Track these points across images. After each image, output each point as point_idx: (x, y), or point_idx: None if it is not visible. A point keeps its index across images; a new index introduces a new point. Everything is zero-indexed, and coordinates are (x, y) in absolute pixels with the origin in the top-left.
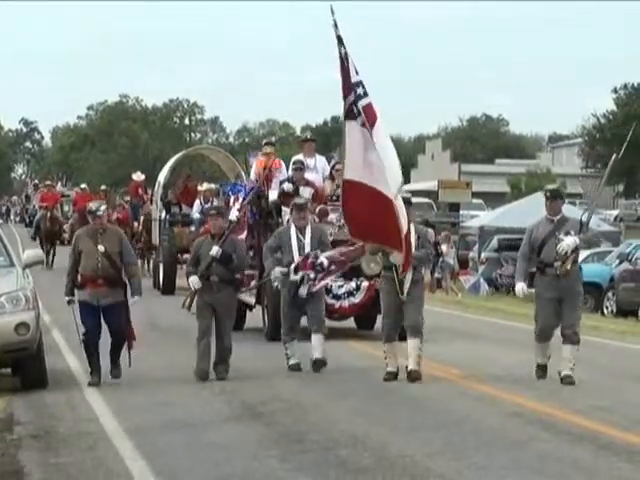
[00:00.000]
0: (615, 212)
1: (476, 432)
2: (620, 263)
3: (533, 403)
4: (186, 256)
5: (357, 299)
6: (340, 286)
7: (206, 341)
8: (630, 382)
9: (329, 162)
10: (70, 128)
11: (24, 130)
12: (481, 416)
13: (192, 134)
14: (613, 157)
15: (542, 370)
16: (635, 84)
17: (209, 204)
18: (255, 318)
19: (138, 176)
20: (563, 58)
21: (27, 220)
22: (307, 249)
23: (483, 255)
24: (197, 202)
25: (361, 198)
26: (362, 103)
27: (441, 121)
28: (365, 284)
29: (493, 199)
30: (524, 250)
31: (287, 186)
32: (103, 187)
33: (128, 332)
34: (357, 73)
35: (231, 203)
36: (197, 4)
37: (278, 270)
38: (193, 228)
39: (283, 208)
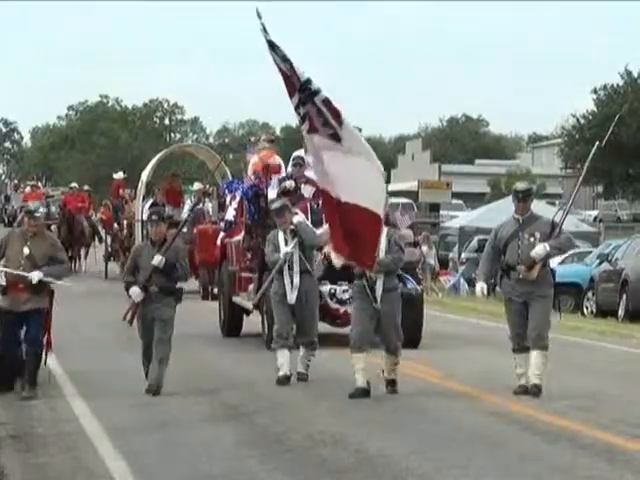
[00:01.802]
0: (594, 213)
1: (455, 432)
2: (600, 264)
3: (511, 403)
4: None
5: None
6: (344, 290)
7: (149, 356)
8: (609, 382)
9: None
10: (49, 128)
11: (3, 130)
12: (460, 416)
13: (172, 134)
14: (596, 144)
15: (521, 389)
16: (615, 85)
17: (200, 205)
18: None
19: (119, 175)
20: (543, 58)
21: (6, 221)
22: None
23: (463, 255)
24: (187, 203)
25: (337, 212)
26: (320, 98)
27: (421, 121)
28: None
29: (473, 199)
30: (487, 250)
31: (288, 184)
32: (86, 187)
33: (46, 342)
34: (299, 77)
35: (227, 202)
36: (176, 4)
37: (283, 251)
38: (185, 229)
39: None
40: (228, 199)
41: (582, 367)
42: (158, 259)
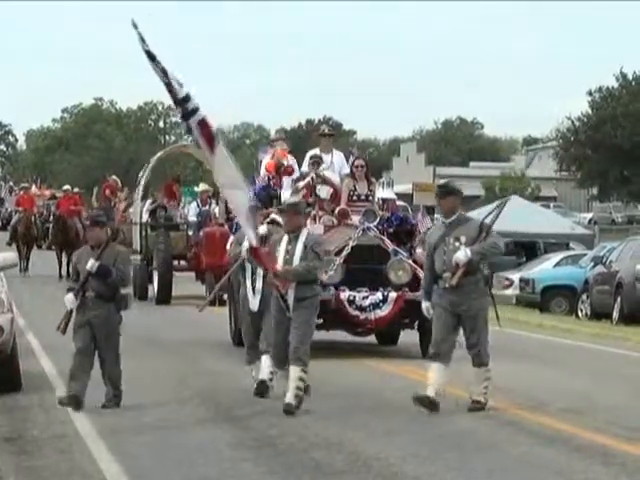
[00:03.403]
0: (589, 215)
1: (449, 435)
2: (594, 266)
3: (506, 406)
4: (183, 263)
5: (384, 311)
6: (364, 297)
7: (79, 361)
8: (604, 385)
9: (347, 158)
10: (44, 131)
11: None
12: (454, 419)
13: (167, 137)
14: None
15: (428, 403)
16: (609, 87)
17: (207, 207)
18: None
19: (114, 180)
20: (538, 61)
21: (0, 223)
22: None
23: None
24: (194, 205)
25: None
26: (195, 119)
27: (416, 124)
28: (393, 295)
29: (467, 202)
30: (426, 261)
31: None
32: (76, 190)
33: None
34: (181, 86)
35: None
36: (167, 5)
37: (245, 246)
38: (191, 232)
39: None
40: None
41: (576, 370)
42: (91, 263)
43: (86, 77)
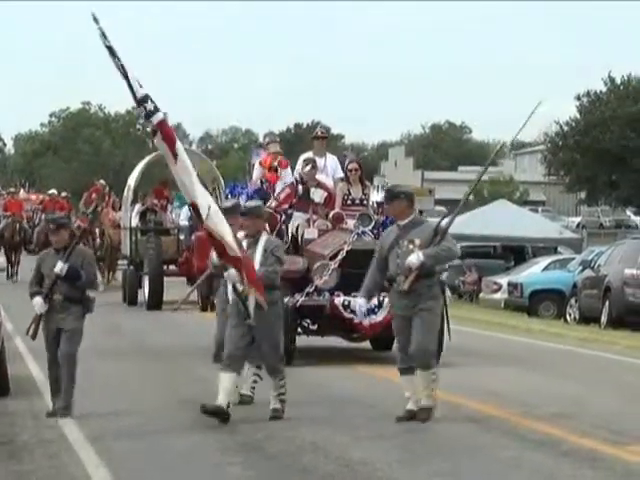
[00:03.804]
0: (577, 219)
1: (437, 439)
2: (583, 270)
3: (494, 410)
4: (173, 267)
5: (379, 317)
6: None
7: (54, 374)
8: (592, 389)
9: (342, 162)
10: (32, 135)
11: None
12: (442, 423)
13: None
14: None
15: (408, 414)
16: (598, 91)
17: None
18: None
19: (101, 184)
20: (526, 64)
21: None
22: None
23: None
24: (185, 209)
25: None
26: (156, 119)
27: (404, 128)
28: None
29: (456, 206)
30: (373, 262)
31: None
32: (64, 194)
33: None
34: (141, 86)
35: None
36: (156, 10)
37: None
38: (182, 237)
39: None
40: None
41: (565, 374)
42: (60, 266)
43: (74, 81)
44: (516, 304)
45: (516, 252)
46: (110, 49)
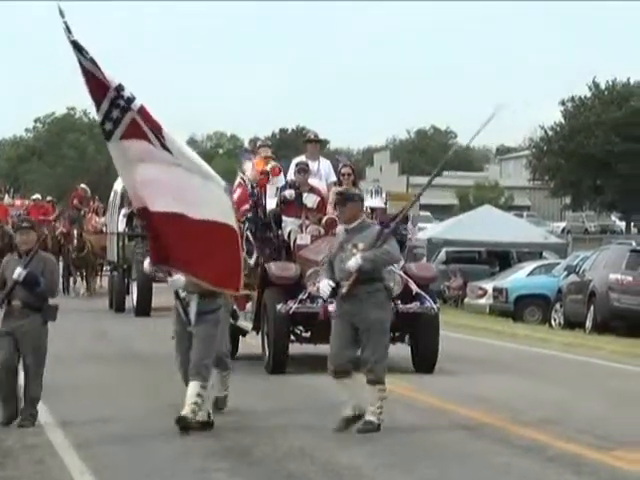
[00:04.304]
0: (562, 224)
1: (424, 445)
2: (567, 275)
3: (480, 415)
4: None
5: None
6: None
7: (4, 379)
8: (577, 394)
9: (335, 166)
10: (17, 140)
11: None
12: (429, 429)
13: None
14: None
15: (345, 422)
16: (582, 97)
17: None
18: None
19: (82, 188)
20: (511, 70)
21: None
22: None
23: None
24: None
25: (169, 226)
26: (136, 106)
27: (389, 133)
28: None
29: (441, 211)
30: (325, 267)
31: (288, 193)
32: (49, 198)
33: None
34: (109, 82)
35: None
36: (146, 4)
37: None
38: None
39: (283, 218)
40: None
41: (551, 379)
42: (18, 272)
43: (59, 86)
44: (501, 309)
45: (501, 257)
46: (75, 44)
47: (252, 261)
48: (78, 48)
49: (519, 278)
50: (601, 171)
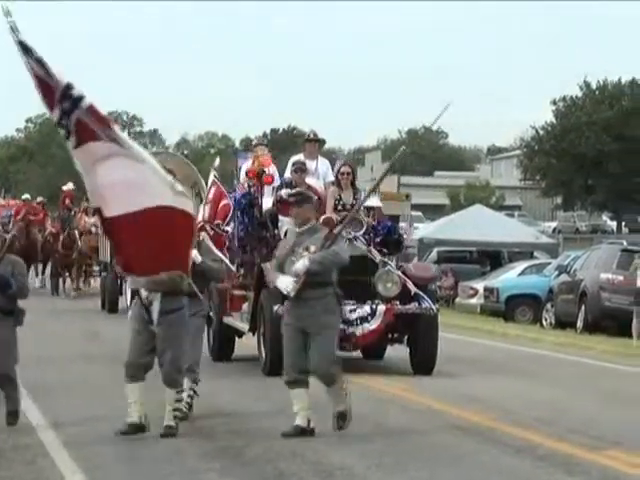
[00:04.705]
0: (554, 224)
1: (415, 444)
2: (559, 275)
3: (472, 415)
4: None
5: (372, 325)
6: (352, 310)
7: None
8: (568, 394)
9: (333, 166)
10: (8, 140)
11: None
12: (420, 428)
13: None
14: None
15: (296, 430)
16: (574, 96)
17: None
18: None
19: (69, 187)
20: (502, 70)
21: None
22: None
23: None
24: None
25: (131, 229)
26: (85, 105)
27: (380, 133)
28: (382, 308)
29: (432, 211)
30: (274, 268)
31: (285, 192)
32: (40, 199)
33: None
34: (57, 83)
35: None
36: (136, 4)
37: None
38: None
39: (280, 217)
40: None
41: (541, 379)
42: None
43: None
44: (492, 309)
45: (492, 257)
46: (22, 44)
47: (234, 267)
48: (25, 49)
49: (510, 278)
50: (592, 171)
